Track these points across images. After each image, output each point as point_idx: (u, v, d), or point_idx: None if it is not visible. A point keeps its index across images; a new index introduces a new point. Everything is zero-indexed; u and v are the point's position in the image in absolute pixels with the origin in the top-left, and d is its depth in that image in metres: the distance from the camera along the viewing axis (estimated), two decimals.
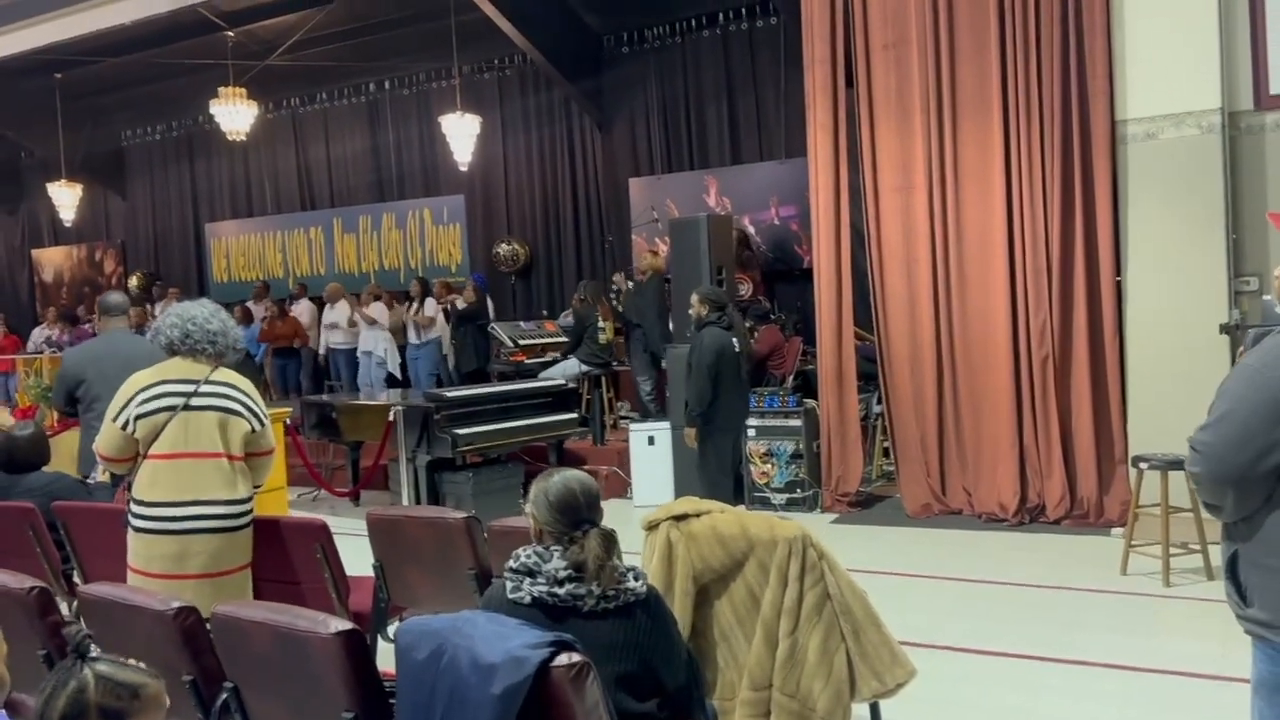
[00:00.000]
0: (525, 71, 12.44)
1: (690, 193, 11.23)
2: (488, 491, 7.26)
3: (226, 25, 11.57)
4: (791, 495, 7.30)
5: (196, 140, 15.16)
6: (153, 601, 2.61)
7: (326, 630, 2.25)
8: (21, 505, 4.42)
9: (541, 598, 2.28)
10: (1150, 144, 6.32)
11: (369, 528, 3.76)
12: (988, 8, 6.68)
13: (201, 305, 3.63)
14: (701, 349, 6.08)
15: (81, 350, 5.46)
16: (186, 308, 3.61)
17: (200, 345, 3.51)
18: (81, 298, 15.94)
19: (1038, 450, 6.65)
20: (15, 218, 17.47)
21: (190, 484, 3.40)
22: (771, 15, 10.80)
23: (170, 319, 3.57)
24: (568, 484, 2.40)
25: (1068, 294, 6.57)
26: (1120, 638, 4.56)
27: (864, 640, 2.88)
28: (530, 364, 9.65)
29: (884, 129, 7.10)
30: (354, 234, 13.80)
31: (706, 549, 2.99)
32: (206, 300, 3.74)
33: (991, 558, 5.94)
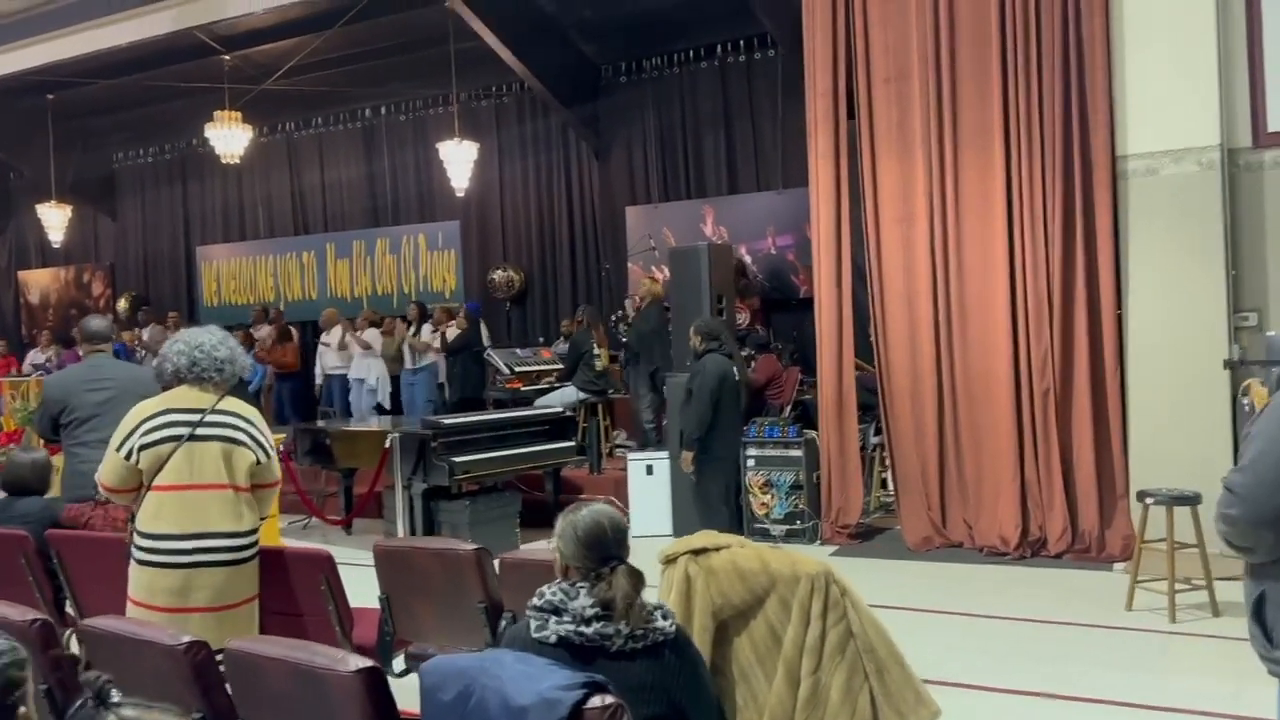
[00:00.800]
0: (522, 99, 12.47)
1: (687, 221, 11.24)
2: (484, 520, 7.18)
3: (223, 49, 11.55)
4: (791, 527, 7.24)
5: (189, 163, 15.10)
6: (161, 636, 2.54)
7: (346, 668, 2.18)
8: (14, 533, 4.33)
9: (568, 637, 2.22)
10: (1150, 179, 6.36)
11: (376, 558, 3.69)
12: (989, 43, 6.72)
13: (209, 332, 3.56)
14: (705, 374, 6.09)
15: (64, 375, 5.39)
16: (194, 335, 3.54)
17: (208, 374, 3.45)
18: (68, 320, 15.77)
19: (1039, 483, 6.63)
20: (3, 238, 17.34)
21: (195, 516, 3.32)
22: (769, 48, 10.87)
23: (177, 346, 3.50)
24: (597, 519, 2.35)
25: (1069, 327, 6.58)
26: (1128, 674, 4.51)
27: (888, 679, 2.83)
28: (526, 391, 9.59)
29: (885, 161, 7.12)
30: (347, 259, 13.74)
31: (726, 584, 2.94)
32: (214, 327, 3.67)
33: (994, 592, 5.89)
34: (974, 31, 6.79)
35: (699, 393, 6.06)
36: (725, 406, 6.23)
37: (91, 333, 5.23)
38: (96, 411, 4.85)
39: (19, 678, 1.65)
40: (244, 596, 3.43)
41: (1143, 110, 6.37)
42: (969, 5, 6.80)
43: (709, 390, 6.04)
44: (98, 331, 5.22)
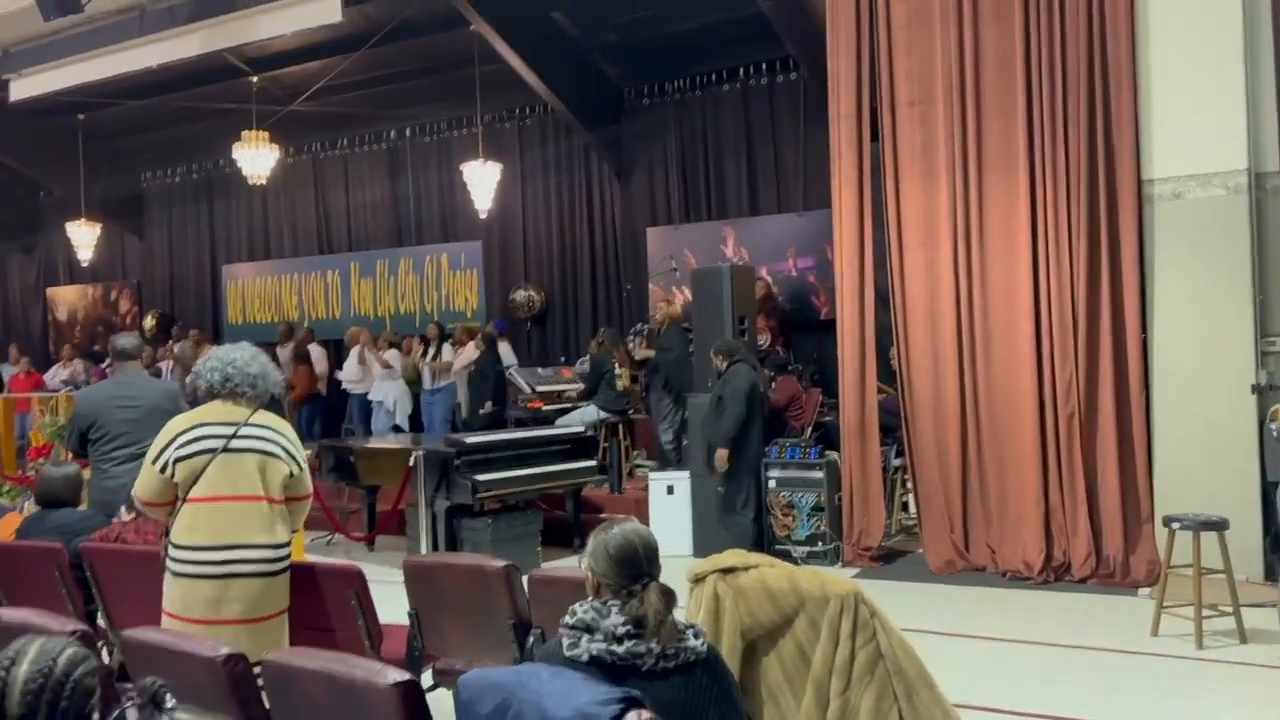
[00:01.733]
0: (545, 121, 12.57)
1: (708, 243, 11.30)
2: (506, 538, 7.21)
3: (251, 71, 11.73)
4: (812, 548, 7.23)
5: (216, 183, 15.28)
6: (201, 648, 2.57)
7: (384, 681, 2.21)
8: (48, 545, 4.39)
9: (600, 656, 2.23)
10: (1176, 204, 6.36)
11: (405, 574, 3.72)
12: (1014, 66, 6.75)
13: (242, 349, 3.62)
14: (736, 379, 6.23)
15: (93, 391, 5.46)
16: (227, 351, 3.61)
17: (241, 388, 3.50)
18: (95, 337, 15.96)
19: (1063, 508, 6.60)
20: (32, 256, 17.56)
21: (229, 528, 3.37)
22: (792, 71, 10.93)
23: (210, 363, 3.56)
24: (628, 536, 2.37)
25: (1094, 351, 6.57)
26: (1153, 700, 4.49)
27: (916, 701, 2.84)
28: (548, 411, 9.63)
29: (909, 184, 7.14)
30: (371, 278, 13.85)
31: (755, 604, 2.95)
32: (246, 344, 3.72)
33: (1017, 616, 5.86)
34: (999, 55, 6.82)
35: (733, 396, 6.26)
36: (754, 413, 6.37)
37: (120, 349, 5.30)
38: (125, 429, 4.92)
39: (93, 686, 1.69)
40: (276, 609, 3.46)
41: (1168, 134, 6.38)
42: (994, 29, 6.84)
43: (743, 394, 6.23)
44: (126, 348, 5.29)
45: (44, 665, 1.65)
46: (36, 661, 1.65)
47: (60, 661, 1.66)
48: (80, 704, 1.65)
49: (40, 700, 1.62)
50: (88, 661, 1.69)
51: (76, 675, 1.66)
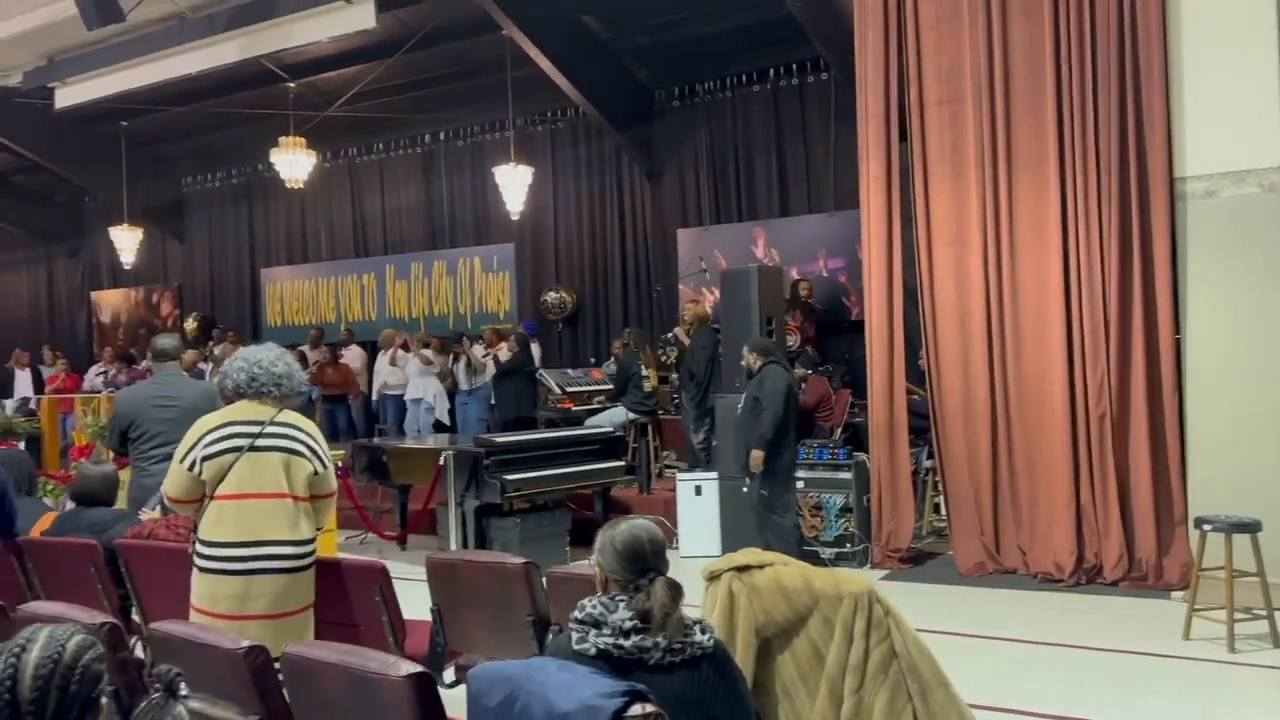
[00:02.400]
0: (576, 123, 12.65)
1: (738, 244, 11.30)
2: (535, 538, 7.26)
3: (288, 77, 11.91)
4: (841, 550, 7.22)
5: (255, 187, 15.53)
6: (223, 640, 2.64)
7: (398, 673, 2.26)
8: (84, 541, 4.49)
9: (607, 649, 2.26)
10: (1210, 202, 6.27)
11: (428, 571, 3.77)
12: (1043, 64, 6.70)
13: (267, 349, 3.70)
14: (773, 379, 6.19)
15: (133, 392, 5.58)
16: (253, 351, 3.68)
17: (266, 388, 3.57)
18: (137, 339, 16.27)
19: (1095, 509, 6.53)
20: (76, 260, 17.95)
21: (255, 525, 3.44)
22: (822, 71, 10.92)
23: (237, 363, 3.63)
24: (635, 532, 2.40)
25: (1125, 351, 6.50)
26: (1185, 704, 4.44)
27: (931, 700, 2.83)
28: (577, 411, 9.68)
29: (938, 184, 7.11)
30: (406, 281, 14.02)
31: (769, 602, 2.96)
32: (272, 344, 3.81)
33: (1048, 619, 5.81)
34: (1028, 53, 6.77)
35: (771, 397, 6.20)
36: (791, 414, 6.34)
37: (159, 350, 5.44)
38: (162, 429, 5.03)
39: (101, 671, 1.74)
40: (300, 604, 3.53)
41: (1201, 131, 6.29)
42: (1023, 27, 6.79)
43: (781, 394, 6.18)
44: (165, 349, 5.41)
45: (53, 651, 1.70)
46: (46, 648, 1.71)
47: (69, 647, 1.72)
48: (89, 688, 1.71)
49: (50, 685, 1.67)
50: (95, 648, 1.75)
51: (85, 660, 1.72)
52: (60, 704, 1.67)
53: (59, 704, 1.67)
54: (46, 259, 18.25)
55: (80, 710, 1.69)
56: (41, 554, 4.57)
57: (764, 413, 6.27)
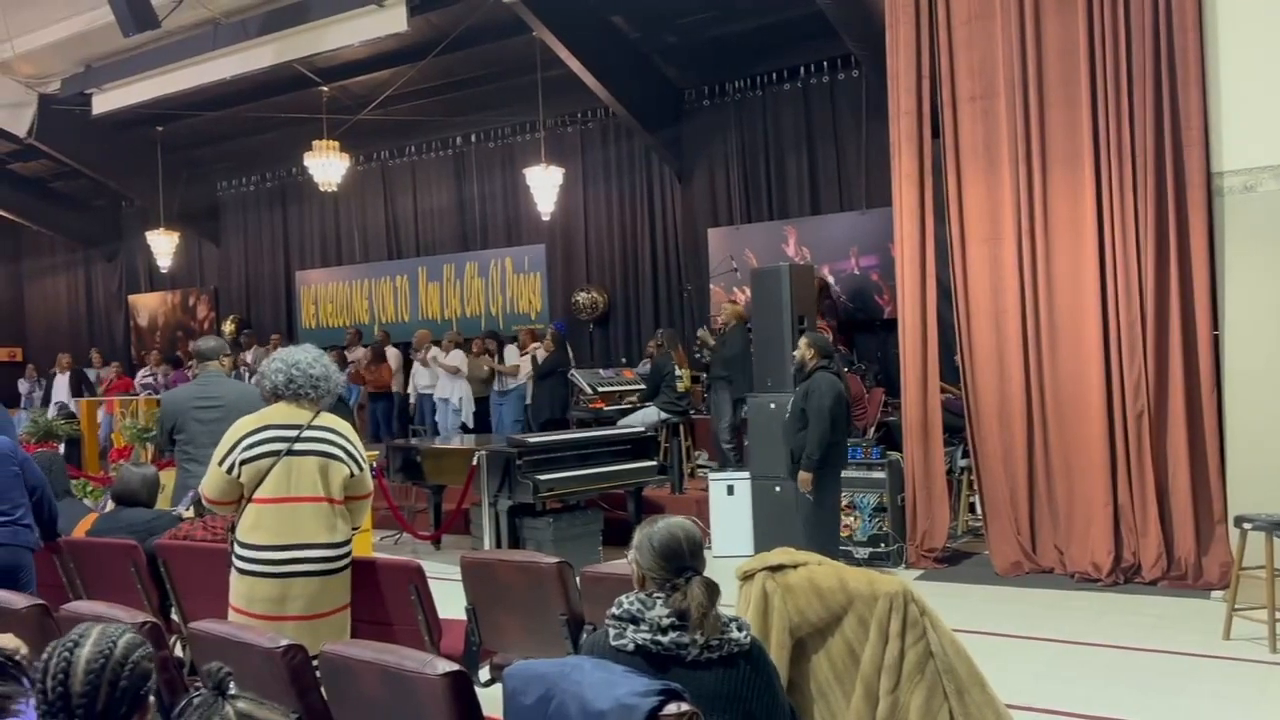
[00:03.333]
0: (606, 123, 12.67)
1: (769, 243, 11.26)
2: (568, 537, 7.28)
3: (321, 81, 12.02)
4: (875, 549, 7.18)
5: (289, 191, 15.69)
6: (261, 639, 2.67)
7: (434, 671, 2.27)
8: (124, 542, 4.56)
9: (645, 646, 2.28)
10: (1248, 196, 6.18)
11: (462, 570, 3.80)
12: (1078, 59, 6.63)
13: (305, 350, 3.71)
14: (820, 393, 6.00)
15: (176, 394, 5.67)
16: (290, 353, 3.69)
17: (304, 390, 3.59)
18: (175, 342, 16.50)
19: (1133, 508, 6.46)
20: (114, 264, 18.21)
21: (292, 528, 3.47)
22: (853, 68, 10.86)
23: (275, 364, 3.64)
24: (672, 530, 2.40)
25: (1163, 348, 6.42)
26: (1226, 705, 4.38)
27: (968, 700, 2.82)
28: (609, 411, 9.70)
29: (971, 180, 7.05)
30: (438, 282, 14.11)
31: (804, 602, 2.96)
32: (309, 345, 3.81)
33: (1086, 619, 5.75)
34: (1062, 48, 6.71)
35: (818, 413, 5.98)
36: (840, 422, 6.18)
37: (200, 352, 5.54)
38: (205, 429, 5.10)
39: (149, 669, 1.78)
40: (337, 605, 3.56)
41: (1239, 125, 6.19)
42: (1056, 21, 6.72)
43: (827, 409, 5.98)
44: (205, 350, 5.51)
45: (104, 647, 1.75)
46: (98, 644, 1.75)
47: (119, 644, 1.76)
48: (138, 684, 1.74)
49: (101, 679, 1.72)
50: (144, 647, 1.79)
51: (135, 658, 1.76)
52: (110, 699, 1.71)
53: (109, 699, 1.71)
54: (85, 263, 18.54)
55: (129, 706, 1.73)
56: (83, 554, 4.65)
57: (810, 432, 6.07)
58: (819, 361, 6.22)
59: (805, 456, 5.99)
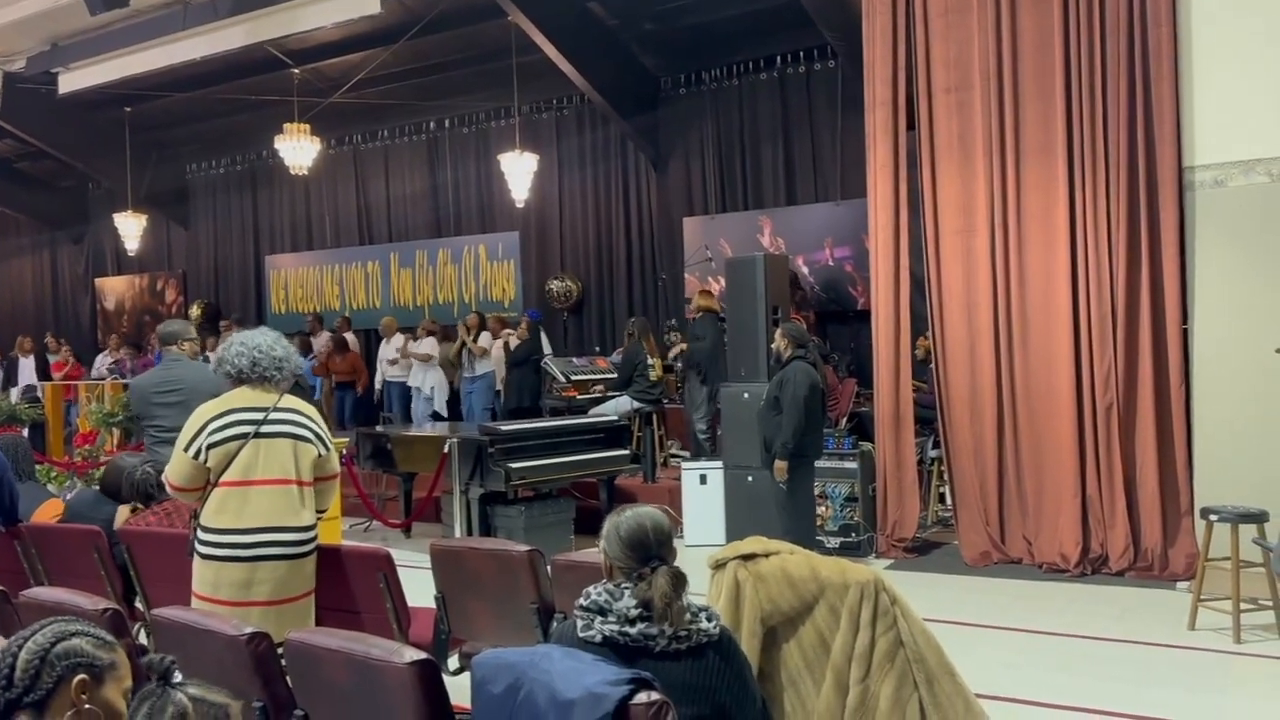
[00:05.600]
0: (582, 110, 12.60)
1: (744, 233, 11.26)
2: (539, 526, 7.25)
3: (293, 63, 11.87)
4: (845, 539, 7.20)
5: (259, 174, 15.50)
6: (225, 626, 2.63)
7: (401, 660, 2.24)
8: (87, 528, 4.49)
9: (613, 637, 2.25)
10: (1219, 191, 6.24)
11: (432, 558, 3.76)
12: (1053, 53, 6.65)
13: (264, 333, 3.64)
14: (795, 383, 6.02)
15: (138, 383, 5.62)
16: (250, 336, 3.62)
17: (268, 372, 3.54)
18: (142, 326, 16.29)
19: (1101, 500, 6.51)
20: (80, 246, 17.94)
21: (260, 511, 3.43)
22: (829, 59, 10.85)
23: (235, 348, 3.56)
24: (640, 520, 2.38)
25: (1133, 341, 6.47)
26: (1189, 694, 4.43)
27: (937, 689, 2.82)
28: (582, 400, 9.67)
29: (945, 172, 7.07)
30: (410, 269, 13.99)
31: (775, 590, 2.95)
32: (266, 328, 3.75)
33: (1053, 609, 5.80)
34: (1036, 41, 6.72)
35: (792, 402, 6.01)
36: (814, 412, 6.19)
37: (162, 336, 5.48)
38: (167, 414, 5.05)
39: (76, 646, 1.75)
40: (303, 590, 3.52)
41: (1210, 120, 6.25)
42: (1032, 14, 6.73)
43: (801, 399, 6.01)
44: (166, 334, 5.45)
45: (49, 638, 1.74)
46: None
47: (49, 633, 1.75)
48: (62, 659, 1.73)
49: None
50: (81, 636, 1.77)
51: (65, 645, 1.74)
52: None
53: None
54: (50, 245, 18.24)
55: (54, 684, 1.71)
56: (45, 540, 4.57)
57: (785, 421, 6.08)
58: (794, 351, 6.23)
59: (780, 445, 6.00)
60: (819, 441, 6.49)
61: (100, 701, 1.73)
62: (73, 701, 1.71)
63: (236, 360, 3.53)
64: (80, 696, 1.71)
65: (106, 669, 1.75)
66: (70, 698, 1.71)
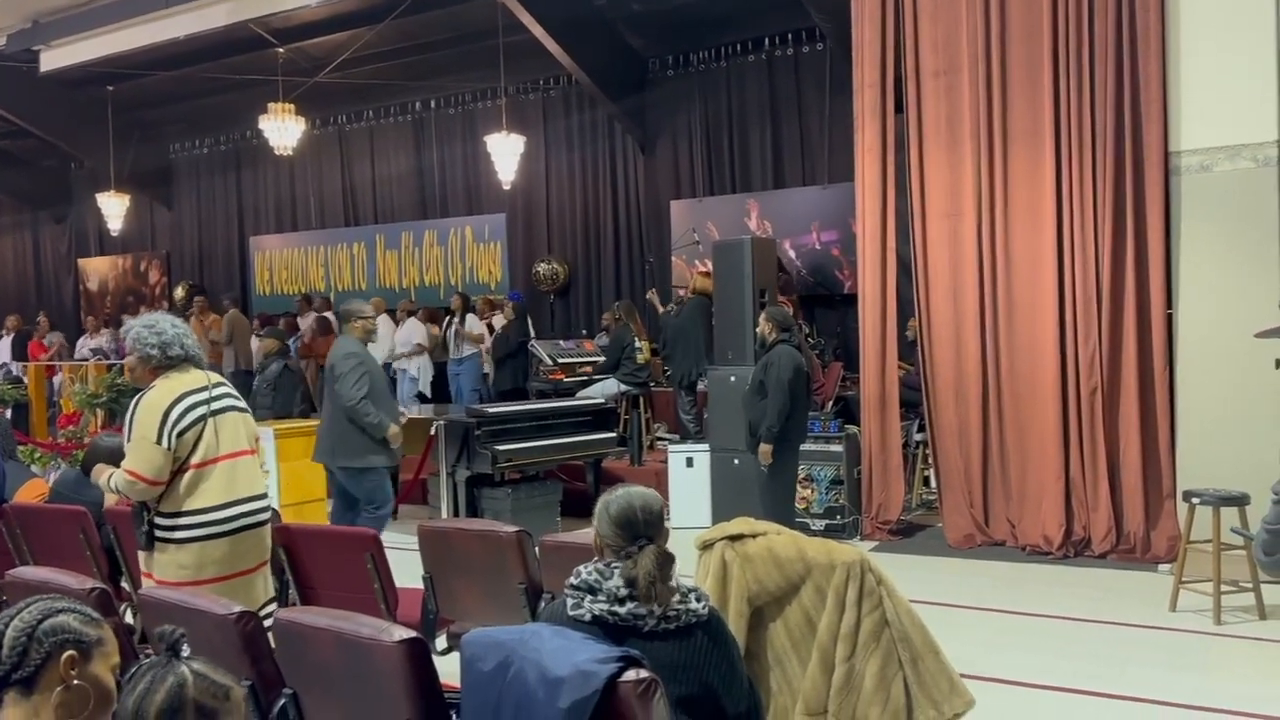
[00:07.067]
0: (569, 92, 12.54)
1: (732, 216, 11.25)
2: (526, 508, 7.26)
3: (277, 42, 11.76)
4: (831, 521, 7.24)
5: (244, 154, 15.39)
6: (214, 605, 2.62)
7: (391, 638, 2.25)
8: (74, 509, 4.48)
9: (602, 616, 2.26)
10: (1204, 176, 6.26)
11: (420, 539, 3.77)
12: (1041, 37, 6.66)
13: (154, 319, 3.53)
14: (780, 366, 6.02)
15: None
16: (152, 320, 3.51)
17: (189, 351, 3.48)
18: (125, 307, 16.17)
19: (1084, 483, 6.56)
20: (63, 226, 17.78)
21: (234, 484, 3.45)
22: (818, 41, 10.83)
23: (142, 335, 3.44)
24: (630, 500, 2.39)
25: (1117, 325, 6.51)
26: (1172, 675, 4.47)
27: (922, 668, 2.85)
28: (569, 383, 9.66)
29: (933, 155, 7.08)
30: (396, 250, 13.93)
31: (762, 571, 2.97)
32: (144, 315, 3.61)
33: (1036, 591, 5.85)
34: (1025, 25, 6.73)
35: (776, 386, 6.01)
36: (799, 396, 6.21)
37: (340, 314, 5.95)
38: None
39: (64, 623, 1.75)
40: (265, 558, 3.59)
41: (1197, 105, 6.27)
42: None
43: (787, 381, 6.01)
44: (343, 312, 6.16)
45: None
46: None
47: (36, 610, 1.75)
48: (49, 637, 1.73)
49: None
50: (67, 613, 1.77)
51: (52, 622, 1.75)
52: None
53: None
54: (33, 225, 18.08)
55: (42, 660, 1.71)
56: (31, 520, 4.55)
57: (770, 404, 6.10)
58: (779, 335, 6.24)
59: (765, 429, 6.01)
60: (803, 425, 6.51)
61: (89, 677, 1.73)
62: (61, 677, 1.71)
63: (151, 351, 3.41)
64: (69, 672, 1.71)
65: (94, 645, 1.75)
66: (59, 674, 1.71)
